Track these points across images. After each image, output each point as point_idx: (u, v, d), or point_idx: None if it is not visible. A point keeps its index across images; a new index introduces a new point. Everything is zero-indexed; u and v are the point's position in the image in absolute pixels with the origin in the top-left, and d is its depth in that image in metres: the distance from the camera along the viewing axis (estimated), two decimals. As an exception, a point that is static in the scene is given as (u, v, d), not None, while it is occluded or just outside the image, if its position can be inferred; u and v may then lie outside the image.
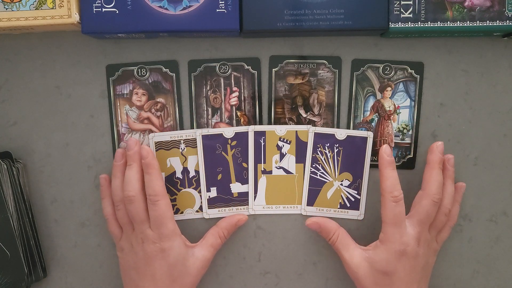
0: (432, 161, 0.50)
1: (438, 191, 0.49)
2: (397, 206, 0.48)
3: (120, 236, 0.51)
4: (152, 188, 0.48)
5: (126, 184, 0.48)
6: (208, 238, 0.51)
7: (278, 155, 0.53)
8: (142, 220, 0.48)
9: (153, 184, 0.48)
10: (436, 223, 0.50)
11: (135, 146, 0.49)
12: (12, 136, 0.53)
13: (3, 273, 0.49)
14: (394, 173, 0.49)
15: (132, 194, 0.48)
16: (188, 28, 0.49)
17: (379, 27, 0.49)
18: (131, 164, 0.49)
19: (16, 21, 0.48)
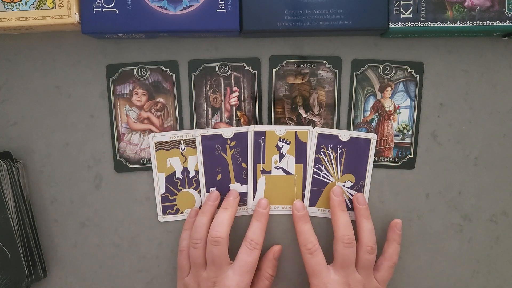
0: (332, 205, 0.51)
1: (346, 232, 0.49)
2: (313, 257, 0.49)
3: (188, 272, 0.50)
4: (257, 235, 0.49)
5: (218, 225, 0.49)
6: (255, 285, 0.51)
7: (278, 155, 0.53)
8: (221, 265, 0.48)
9: (259, 232, 0.50)
10: (362, 263, 0.49)
11: (236, 197, 0.52)
12: (12, 136, 0.53)
13: (3, 273, 0.49)
14: (306, 226, 0.50)
15: (222, 236, 0.48)
16: (188, 28, 0.49)
17: (379, 27, 0.49)
18: (228, 209, 0.50)
19: (16, 21, 0.48)
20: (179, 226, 0.54)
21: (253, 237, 0.49)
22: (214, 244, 0.48)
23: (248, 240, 0.49)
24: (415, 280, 0.54)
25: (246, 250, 0.48)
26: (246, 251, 0.48)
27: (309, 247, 0.49)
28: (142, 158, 0.53)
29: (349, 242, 0.49)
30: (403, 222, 0.54)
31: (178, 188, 0.53)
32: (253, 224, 0.50)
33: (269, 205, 0.51)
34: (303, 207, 0.51)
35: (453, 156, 0.53)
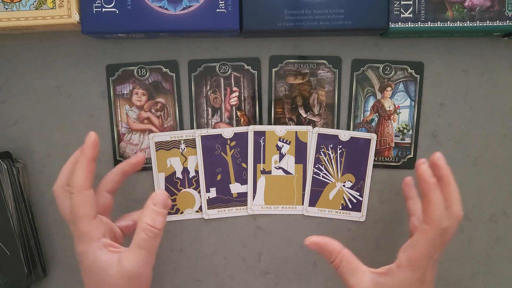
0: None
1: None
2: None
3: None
4: (72, 178, 0.42)
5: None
6: (134, 237, 0.41)
7: (278, 155, 0.53)
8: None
9: (75, 173, 0.42)
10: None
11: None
12: (12, 136, 0.53)
13: (3, 273, 0.49)
14: (440, 196, 0.41)
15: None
16: (188, 28, 0.49)
17: (379, 27, 0.49)
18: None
19: (16, 21, 0.48)
20: (179, 226, 0.54)
21: (70, 182, 0.41)
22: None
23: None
24: (415, 280, 0.54)
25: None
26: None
27: (443, 226, 0.40)
28: (142, 158, 0.53)
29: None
30: (403, 222, 0.54)
31: (178, 188, 0.53)
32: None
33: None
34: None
35: (453, 156, 0.53)
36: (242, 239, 0.54)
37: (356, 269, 0.42)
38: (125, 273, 0.39)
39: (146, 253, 0.40)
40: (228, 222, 0.54)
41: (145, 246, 0.40)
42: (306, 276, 0.54)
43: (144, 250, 0.40)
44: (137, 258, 0.40)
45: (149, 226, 0.40)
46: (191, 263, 0.54)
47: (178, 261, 0.54)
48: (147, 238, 0.40)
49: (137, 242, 0.40)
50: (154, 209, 0.41)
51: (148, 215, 0.41)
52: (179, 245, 0.54)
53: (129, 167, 0.48)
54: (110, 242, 0.41)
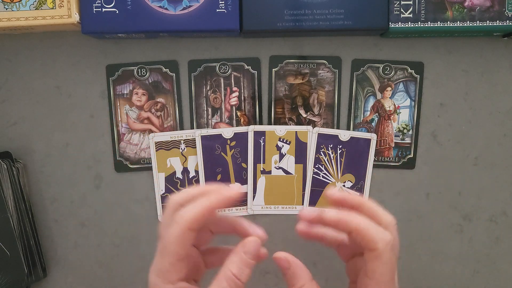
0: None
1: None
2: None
3: None
4: (185, 208, 0.37)
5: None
6: (214, 283, 0.36)
7: (278, 155, 0.53)
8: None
9: (192, 205, 0.36)
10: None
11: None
12: (12, 136, 0.53)
13: (3, 273, 0.49)
14: (364, 218, 0.38)
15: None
16: (188, 28, 0.49)
17: (379, 27, 0.49)
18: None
19: (16, 21, 0.48)
20: (179, 226, 0.54)
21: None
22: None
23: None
24: (415, 280, 0.54)
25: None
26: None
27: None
28: (142, 158, 0.53)
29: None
30: (403, 222, 0.54)
31: (178, 188, 0.53)
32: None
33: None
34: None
35: (453, 156, 0.53)
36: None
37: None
38: None
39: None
40: (228, 222, 0.54)
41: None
42: (306, 276, 0.54)
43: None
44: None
45: (234, 276, 0.35)
46: (191, 263, 0.54)
47: (178, 261, 0.54)
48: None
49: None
50: (243, 258, 0.36)
51: (235, 262, 0.35)
52: (179, 245, 0.54)
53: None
54: (187, 286, 0.36)
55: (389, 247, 0.36)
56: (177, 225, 0.35)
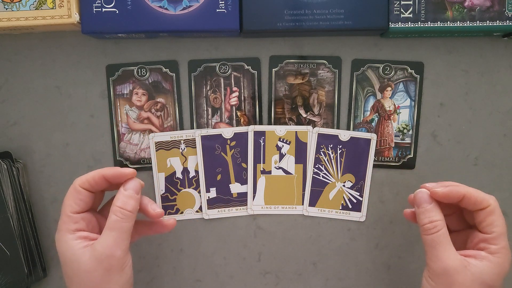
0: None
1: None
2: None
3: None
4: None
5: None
6: (107, 221, 0.42)
7: (278, 155, 0.53)
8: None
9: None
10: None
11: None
12: (12, 136, 0.53)
13: (3, 273, 0.49)
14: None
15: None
16: (188, 28, 0.49)
17: (379, 27, 0.49)
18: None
19: (16, 21, 0.48)
20: (179, 226, 0.54)
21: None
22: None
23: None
24: (415, 280, 0.54)
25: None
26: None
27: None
28: (142, 158, 0.53)
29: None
30: (403, 222, 0.54)
31: (178, 188, 0.53)
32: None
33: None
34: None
35: (453, 156, 0.53)
36: (242, 239, 0.54)
37: (449, 244, 0.42)
38: (95, 256, 0.40)
39: (116, 234, 0.41)
40: (228, 222, 0.54)
41: (115, 227, 0.41)
42: (306, 276, 0.54)
43: (114, 231, 0.41)
44: (107, 239, 0.41)
45: (119, 207, 0.42)
46: (191, 263, 0.54)
47: (178, 261, 0.54)
48: (117, 219, 0.41)
49: (108, 224, 0.41)
50: (125, 193, 0.42)
51: (118, 198, 0.42)
52: (179, 245, 0.54)
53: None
54: (87, 234, 0.42)
55: (497, 203, 0.42)
56: (72, 184, 0.43)
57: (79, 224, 0.42)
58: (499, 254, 0.41)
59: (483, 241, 0.42)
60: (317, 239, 0.54)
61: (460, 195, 0.42)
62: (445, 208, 0.45)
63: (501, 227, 0.42)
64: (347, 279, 0.54)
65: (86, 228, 0.43)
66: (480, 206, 0.42)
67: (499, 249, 0.41)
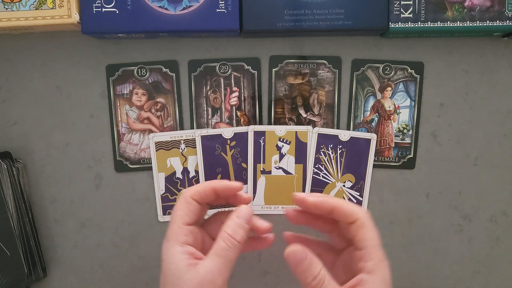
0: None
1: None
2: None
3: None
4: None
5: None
6: (214, 245, 0.41)
7: (278, 155, 0.53)
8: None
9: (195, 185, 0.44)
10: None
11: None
12: (12, 136, 0.53)
13: (3, 273, 0.49)
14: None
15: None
16: (188, 28, 0.49)
17: (379, 27, 0.49)
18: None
19: (16, 21, 0.48)
20: (179, 226, 0.54)
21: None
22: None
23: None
24: (415, 280, 0.54)
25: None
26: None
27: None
28: (142, 158, 0.53)
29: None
30: (403, 222, 0.54)
31: (178, 188, 0.53)
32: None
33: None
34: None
35: (453, 156, 0.53)
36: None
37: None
38: (198, 278, 0.39)
39: (221, 261, 0.40)
40: (228, 222, 0.54)
41: (222, 255, 0.40)
42: (306, 276, 0.54)
43: (220, 258, 0.40)
44: (212, 265, 0.40)
45: (229, 235, 0.41)
46: (191, 263, 0.54)
47: (178, 261, 0.54)
48: (225, 247, 0.40)
49: (215, 249, 0.40)
50: (237, 221, 0.42)
51: (229, 226, 0.41)
52: (179, 245, 0.54)
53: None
54: (194, 251, 0.41)
55: (368, 216, 0.41)
56: (181, 195, 0.42)
57: (188, 237, 0.41)
58: (376, 271, 0.39)
59: (360, 259, 0.40)
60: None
61: (330, 205, 0.41)
62: (326, 224, 0.44)
63: (374, 240, 0.40)
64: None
65: (193, 242, 0.42)
66: (350, 219, 0.40)
67: (375, 265, 0.39)
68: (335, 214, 0.41)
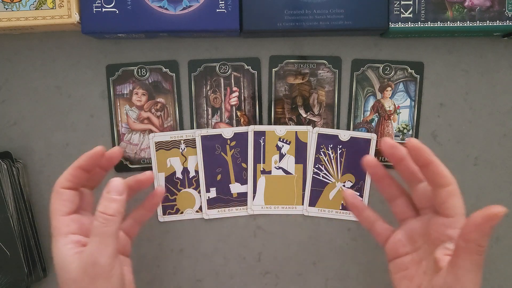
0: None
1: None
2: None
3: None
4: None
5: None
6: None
7: (278, 155, 0.53)
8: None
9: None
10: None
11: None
12: (12, 136, 0.53)
13: (3, 273, 0.49)
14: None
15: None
16: (188, 28, 0.49)
17: (379, 27, 0.49)
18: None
19: (16, 21, 0.48)
20: (179, 226, 0.54)
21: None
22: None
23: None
24: (415, 280, 0.54)
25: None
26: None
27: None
28: (142, 158, 0.53)
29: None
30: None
31: (178, 188, 0.53)
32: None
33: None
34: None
35: (453, 156, 0.53)
36: (242, 239, 0.54)
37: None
38: (81, 264, 0.38)
39: (99, 240, 0.39)
40: (228, 222, 0.54)
41: (98, 233, 0.39)
42: (306, 276, 0.54)
43: (97, 237, 0.39)
44: (91, 246, 0.39)
45: (101, 213, 0.39)
46: (191, 263, 0.54)
47: (178, 261, 0.54)
48: (99, 225, 0.39)
49: (92, 230, 0.39)
50: (106, 196, 0.40)
51: (101, 203, 0.40)
52: (179, 245, 0.54)
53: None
54: (80, 238, 0.41)
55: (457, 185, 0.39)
56: (53, 188, 0.42)
57: (70, 227, 0.41)
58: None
59: (448, 226, 0.39)
60: (317, 239, 0.54)
61: (429, 157, 0.39)
62: (395, 188, 0.44)
63: (463, 209, 0.39)
64: (347, 279, 0.54)
65: (78, 230, 0.41)
66: (444, 181, 0.39)
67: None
68: (430, 170, 0.39)
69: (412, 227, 0.42)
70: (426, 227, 0.41)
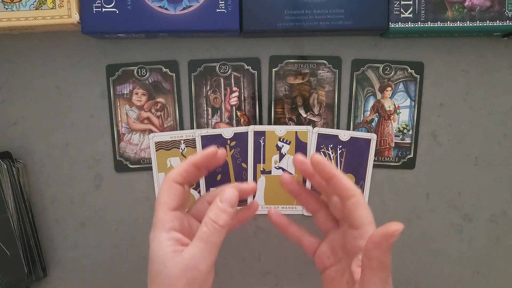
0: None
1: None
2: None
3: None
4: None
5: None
6: (198, 231, 0.40)
7: (278, 156, 0.53)
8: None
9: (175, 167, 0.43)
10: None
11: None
12: (12, 136, 0.53)
13: (3, 273, 0.49)
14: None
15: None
16: (188, 28, 0.49)
17: (379, 27, 0.49)
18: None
19: (16, 21, 0.48)
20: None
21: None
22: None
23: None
24: (415, 280, 0.54)
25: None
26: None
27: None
28: (142, 158, 0.53)
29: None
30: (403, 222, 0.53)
31: (178, 188, 0.53)
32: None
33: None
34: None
35: (453, 156, 0.53)
36: (242, 239, 0.54)
37: None
38: (181, 264, 0.38)
39: (204, 246, 0.39)
40: (228, 222, 0.54)
41: (204, 239, 0.39)
42: (306, 276, 0.54)
43: (203, 243, 0.39)
44: (195, 250, 0.39)
45: (211, 220, 0.39)
46: (191, 263, 0.54)
47: (178, 261, 0.54)
48: (208, 232, 0.39)
49: (198, 234, 0.39)
50: (220, 205, 0.40)
51: (212, 210, 0.40)
52: (179, 245, 0.54)
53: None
54: (180, 237, 0.40)
55: (362, 195, 0.40)
56: (164, 180, 0.41)
57: (174, 223, 0.40)
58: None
59: (359, 237, 0.39)
60: (317, 239, 0.54)
61: (331, 171, 0.40)
62: (315, 202, 0.45)
63: (369, 218, 0.40)
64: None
65: (179, 228, 0.41)
66: (347, 193, 0.39)
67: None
68: (333, 183, 0.40)
69: (333, 239, 0.44)
70: (343, 239, 0.42)
